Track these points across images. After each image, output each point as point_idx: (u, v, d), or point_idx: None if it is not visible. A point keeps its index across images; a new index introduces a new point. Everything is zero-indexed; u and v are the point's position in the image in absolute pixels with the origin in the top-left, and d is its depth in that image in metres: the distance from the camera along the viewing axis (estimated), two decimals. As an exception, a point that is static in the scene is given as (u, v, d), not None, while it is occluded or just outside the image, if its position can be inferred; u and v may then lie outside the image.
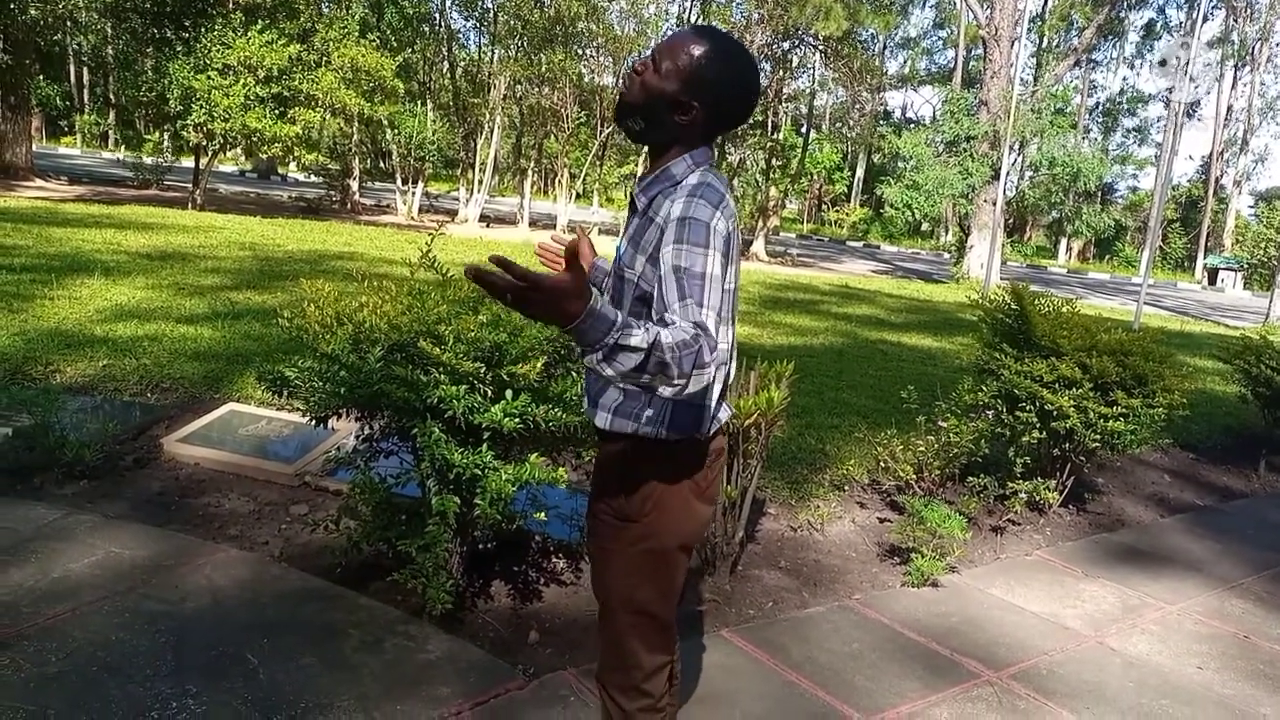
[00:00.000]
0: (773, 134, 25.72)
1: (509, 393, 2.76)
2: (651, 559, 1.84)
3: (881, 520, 4.41)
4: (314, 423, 2.95)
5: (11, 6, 17.33)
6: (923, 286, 19.41)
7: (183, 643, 2.71)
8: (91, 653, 2.62)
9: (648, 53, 1.80)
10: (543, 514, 2.95)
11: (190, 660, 2.63)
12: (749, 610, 3.37)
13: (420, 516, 2.93)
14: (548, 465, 2.87)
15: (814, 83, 36.05)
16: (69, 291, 7.17)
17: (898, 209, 22.25)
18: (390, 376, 2.77)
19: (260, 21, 17.07)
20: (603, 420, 1.82)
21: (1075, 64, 29.41)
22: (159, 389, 5.01)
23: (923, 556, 3.77)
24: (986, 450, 4.57)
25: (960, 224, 23.95)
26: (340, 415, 2.95)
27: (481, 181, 23.36)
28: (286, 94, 17.21)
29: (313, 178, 25.44)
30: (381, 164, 25.82)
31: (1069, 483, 4.75)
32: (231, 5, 17.35)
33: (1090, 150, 26.76)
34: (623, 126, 1.82)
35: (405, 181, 24.25)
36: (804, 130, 37.69)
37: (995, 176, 20.47)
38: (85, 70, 37.14)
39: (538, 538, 3.48)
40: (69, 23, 18.64)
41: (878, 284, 18.77)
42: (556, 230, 22.93)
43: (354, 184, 24.87)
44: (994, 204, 20.37)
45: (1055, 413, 4.42)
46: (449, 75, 24.90)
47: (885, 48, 47.84)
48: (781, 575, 3.71)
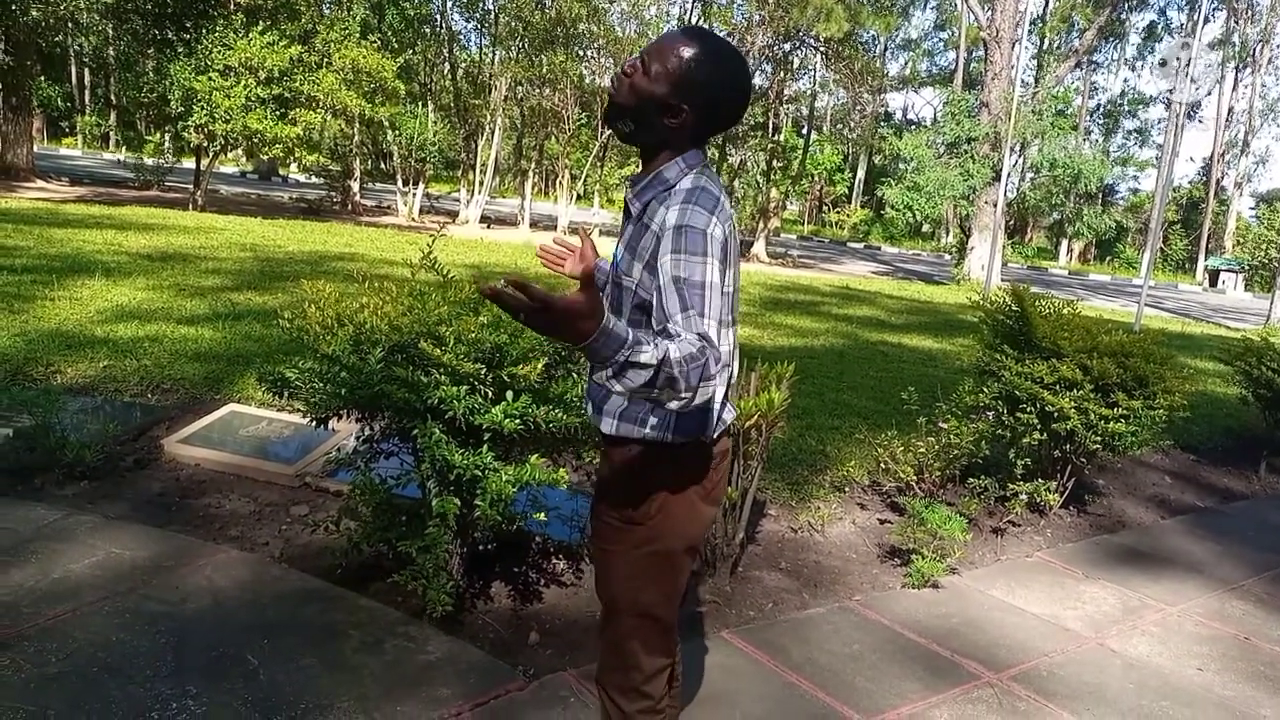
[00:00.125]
0: (774, 135, 25.75)
1: (509, 394, 2.76)
2: (657, 561, 1.83)
3: (882, 521, 4.41)
4: (314, 424, 2.96)
5: (13, 8, 17.35)
6: (923, 288, 19.41)
7: (183, 643, 2.71)
8: (92, 653, 2.62)
9: (636, 55, 1.77)
10: (543, 515, 2.95)
11: (190, 661, 2.63)
12: (749, 611, 3.37)
13: (421, 517, 2.93)
14: (548, 466, 2.87)
15: (815, 84, 36.07)
16: (70, 292, 7.18)
17: (898, 210, 22.25)
18: (391, 377, 2.77)
19: (261, 23, 17.09)
20: (609, 426, 1.81)
21: (1076, 66, 29.44)
22: (159, 390, 5.01)
23: (923, 558, 3.77)
24: (987, 451, 4.57)
25: (961, 225, 23.95)
26: (341, 416, 2.95)
27: (482, 183, 23.38)
28: (287, 95, 17.22)
29: (313, 179, 25.46)
30: (382, 165, 25.85)
31: (1069, 484, 4.75)
32: (233, 6, 17.37)
33: (1091, 152, 26.75)
34: (613, 128, 1.80)
35: (406, 183, 24.27)
36: (805, 131, 37.71)
37: (996, 178, 20.47)
38: (86, 71, 37.19)
39: (538, 539, 3.48)
40: (70, 24, 18.67)
41: (878, 285, 18.78)
42: (557, 231, 22.95)
43: (355, 185, 24.88)
44: (995, 205, 20.37)
45: (1056, 414, 4.42)
46: (450, 76, 24.92)
47: (886, 49, 47.85)
48: (782, 576, 3.71)
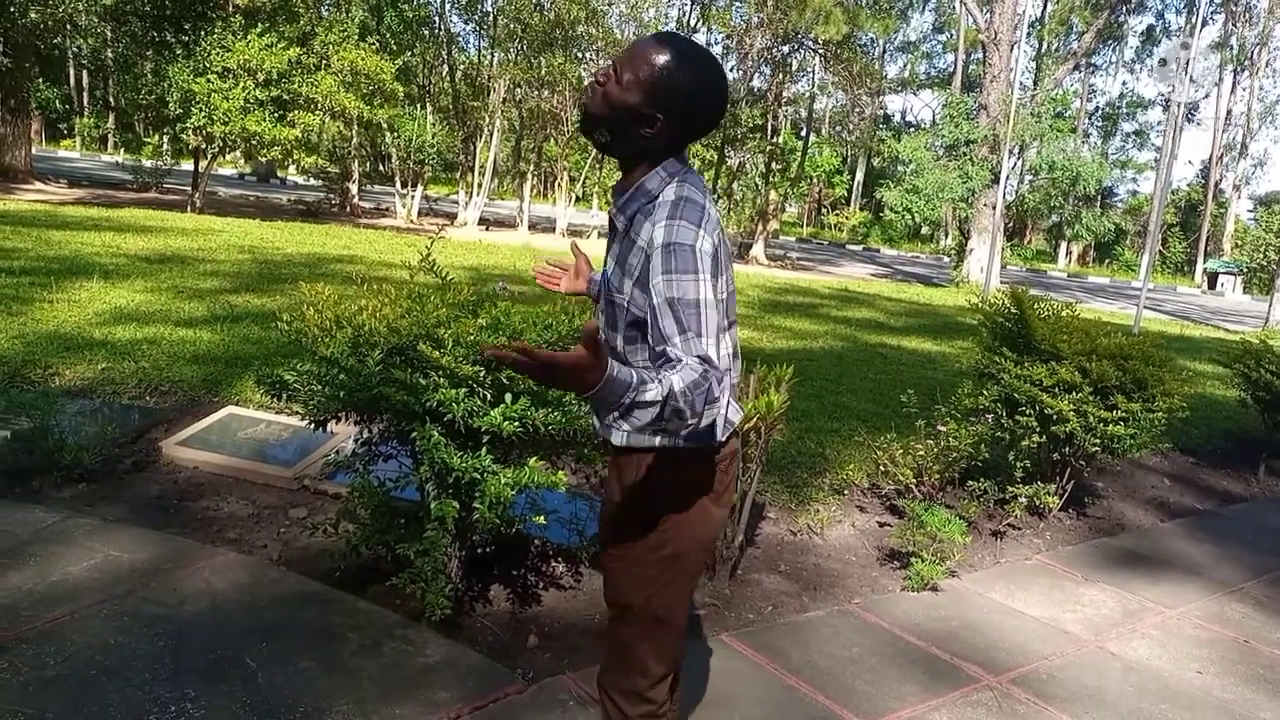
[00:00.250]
0: (772, 137, 25.77)
1: (508, 396, 2.76)
2: (670, 566, 1.82)
3: (881, 524, 4.40)
4: (313, 426, 2.95)
5: (11, 10, 17.34)
6: (922, 290, 19.41)
7: (181, 646, 2.71)
8: (90, 656, 2.61)
9: (609, 62, 1.72)
10: (542, 518, 2.95)
11: (189, 664, 2.62)
12: (749, 614, 3.37)
13: (419, 520, 2.93)
14: (547, 469, 2.86)
15: (814, 86, 36.12)
16: (68, 294, 7.17)
17: (897, 213, 22.26)
18: (389, 380, 2.77)
19: (260, 25, 17.09)
20: (619, 438, 1.81)
21: (1075, 68, 29.48)
22: (158, 392, 5.00)
23: (922, 561, 3.77)
24: (986, 454, 4.57)
25: (960, 228, 23.98)
26: (339, 419, 2.95)
27: (481, 185, 23.38)
28: (286, 97, 17.21)
29: (312, 181, 25.44)
30: (381, 167, 25.85)
31: (1069, 487, 4.75)
32: (231, 8, 17.38)
33: (1090, 154, 26.80)
34: (589, 139, 1.76)
35: (404, 185, 24.27)
36: (804, 134, 37.77)
37: (995, 180, 20.49)
38: (85, 73, 37.15)
39: (537, 541, 3.47)
40: (69, 26, 18.64)
41: (877, 287, 18.79)
42: (556, 233, 22.95)
43: (353, 187, 24.88)
44: (994, 208, 20.39)
45: (1055, 417, 4.41)
46: (448, 78, 24.94)
47: (885, 52, 47.93)
48: (781, 579, 3.70)
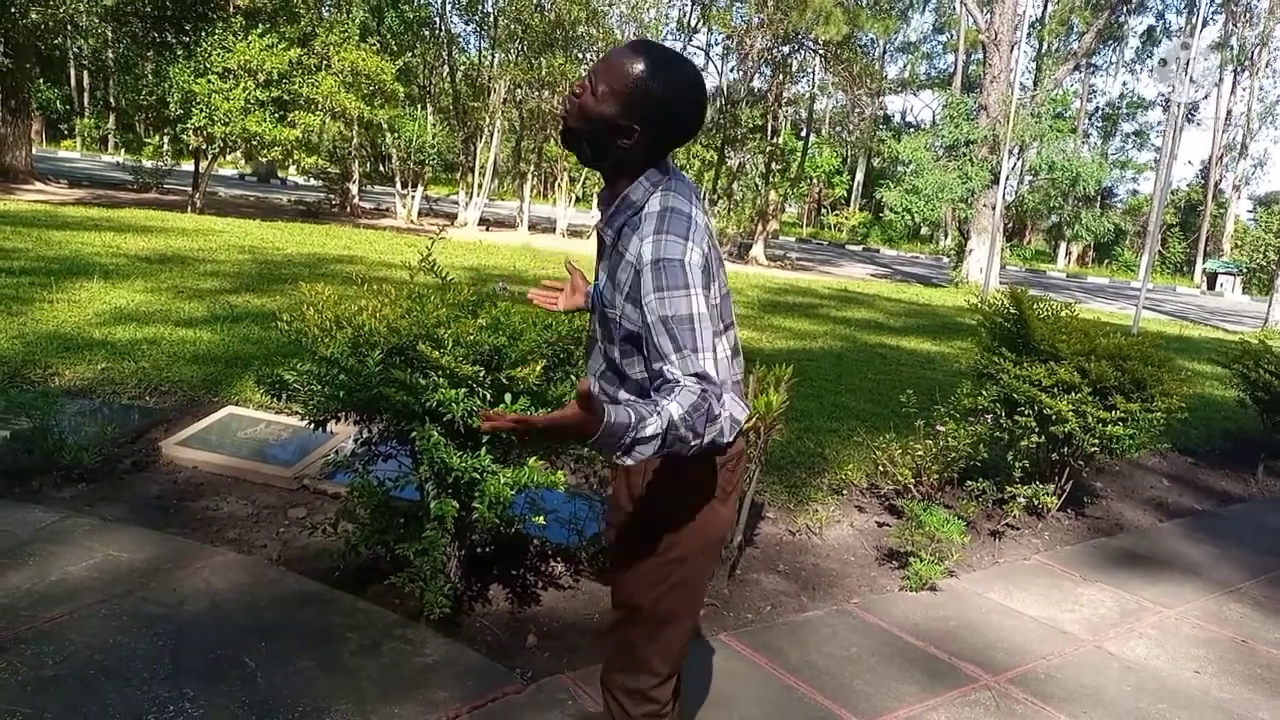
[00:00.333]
0: (772, 138, 25.76)
1: (508, 396, 2.76)
2: (678, 568, 1.82)
3: (880, 524, 4.41)
4: (313, 426, 2.96)
5: (12, 10, 17.34)
6: (922, 290, 19.42)
7: (180, 646, 2.71)
8: (89, 656, 2.61)
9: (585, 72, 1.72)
10: (541, 518, 2.95)
11: (188, 663, 2.63)
12: (747, 614, 3.37)
13: (419, 520, 2.93)
14: (546, 469, 2.87)
15: (814, 87, 36.12)
16: (68, 294, 7.17)
17: (897, 213, 22.27)
18: (389, 380, 2.77)
19: (260, 25, 17.09)
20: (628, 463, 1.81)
21: (1075, 69, 29.48)
22: (158, 392, 5.01)
23: (921, 560, 3.77)
24: (985, 454, 4.57)
25: (959, 228, 23.98)
26: (339, 418, 2.96)
27: (481, 185, 23.39)
28: (286, 98, 17.22)
29: (312, 181, 25.45)
30: (381, 167, 25.85)
31: (1067, 487, 4.75)
32: (232, 9, 17.38)
33: (1089, 155, 26.80)
34: (570, 151, 1.75)
35: (405, 185, 24.27)
36: (804, 134, 37.77)
37: (994, 181, 20.50)
38: (85, 74, 37.15)
39: (536, 541, 3.47)
40: (69, 26, 18.65)
41: (877, 288, 18.79)
42: (556, 234, 22.96)
43: (353, 187, 24.88)
44: (993, 208, 20.40)
45: (1054, 417, 4.42)
46: (449, 79, 24.94)
47: (885, 52, 47.94)
48: (780, 579, 3.71)
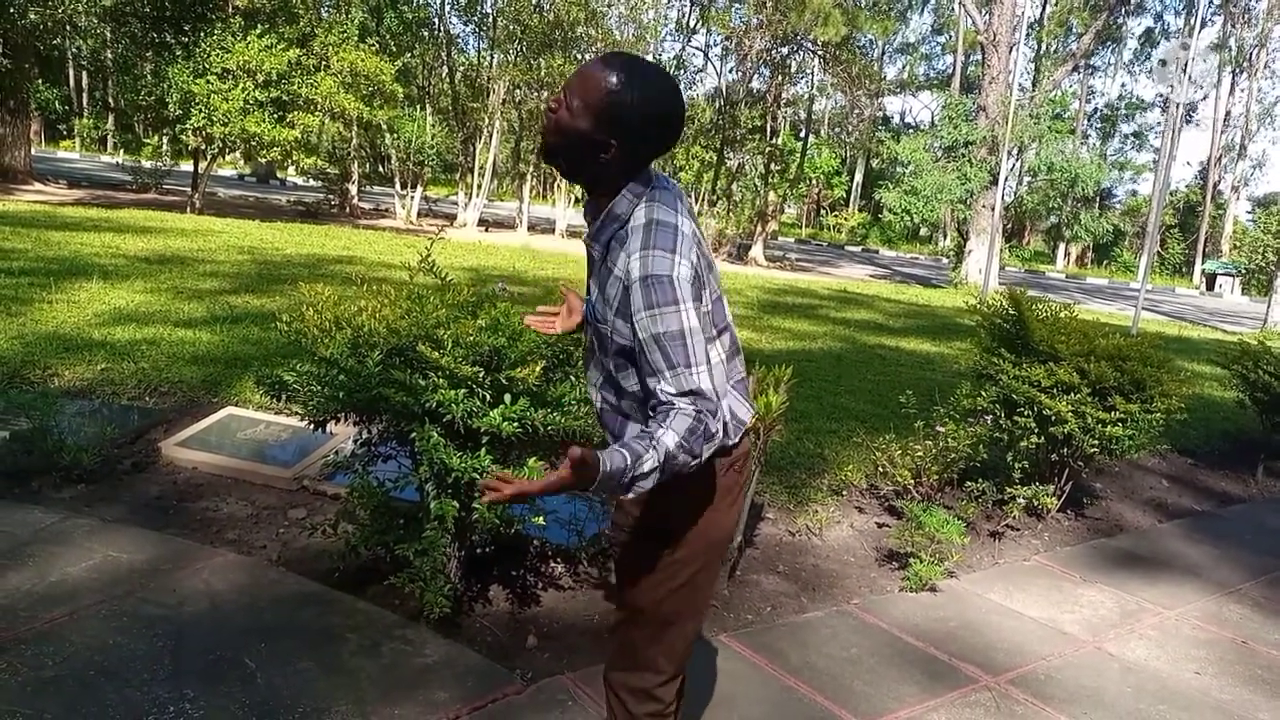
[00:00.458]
0: (772, 139, 25.80)
1: (508, 397, 2.76)
2: (682, 570, 1.82)
3: (880, 525, 4.41)
4: (312, 427, 2.96)
5: (11, 10, 17.33)
6: (921, 291, 19.42)
7: (180, 647, 2.71)
8: (88, 657, 2.61)
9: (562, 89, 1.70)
10: (541, 518, 2.95)
11: (188, 664, 2.62)
12: (747, 615, 3.37)
13: (418, 520, 2.93)
14: (546, 469, 2.87)
15: (813, 88, 36.15)
16: (67, 295, 7.17)
17: (896, 214, 22.27)
18: (389, 380, 2.77)
19: (259, 26, 17.09)
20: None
21: (1074, 69, 29.49)
22: (157, 393, 5.00)
23: (921, 561, 3.77)
24: (985, 455, 4.57)
25: (959, 229, 23.98)
26: (339, 419, 2.95)
27: (480, 186, 23.39)
28: (285, 98, 17.21)
29: (311, 182, 25.44)
30: (380, 168, 25.84)
31: (1067, 488, 4.75)
32: (231, 9, 17.38)
33: (1088, 156, 26.82)
34: (552, 166, 1.74)
35: (404, 186, 24.27)
36: (803, 135, 37.79)
37: (993, 182, 20.50)
38: (84, 74, 37.12)
39: (536, 542, 3.47)
40: (68, 27, 18.61)
41: (876, 289, 18.79)
42: (555, 234, 22.95)
43: (353, 188, 24.88)
44: (992, 209, 20.40)
45: (1053, 418, 4.42)
46: (448, 80, 24.94)
47: (884, 53, 47.92)
48: (780, 580, 3.71)
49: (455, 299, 3.03)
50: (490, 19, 24.02)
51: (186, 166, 20.12)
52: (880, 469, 4.69)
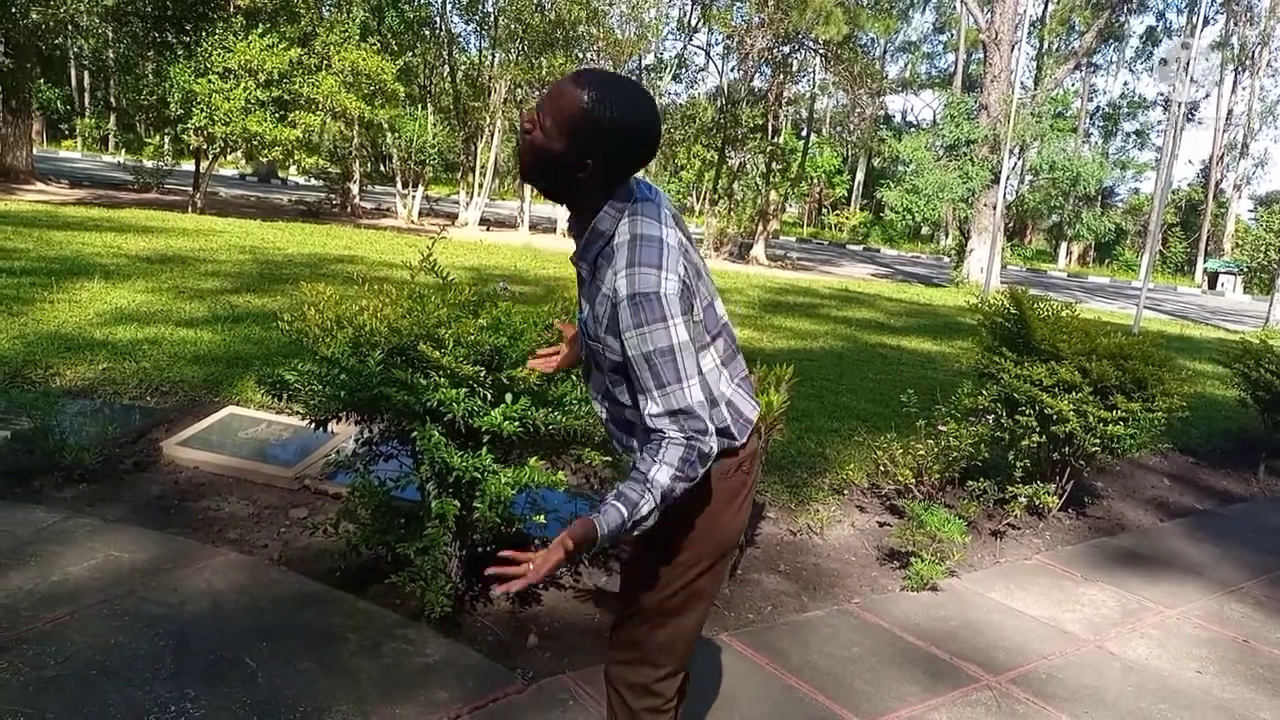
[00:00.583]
0: (773, 138, 25.76)
1: (509, 396, 2.76)
2: (687, 571, 1.82)
3: (881, 524, 4.41)
4: (313, 426, 2.96)
5: (13, 10, 17.35)
6: (923, 290, 19.41)
7: (181, 646, 2.71)
8: (90, 656, 2.62)
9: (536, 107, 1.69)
10: (542, 517, 2.95)
11: (189, 664, 2.63)
12: (748, 614, 3.37)
13: (419, 520, 2.93)
14: (547, 469, 2.87)
15: (814, 86, 36.11)
16: (69, 295, 7.18)
17: (897, 213, 22.26)
18: (390, 380, 2.78)
19: (261, 25, 17.09)
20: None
21: (1075, 68, 29.47)
22: (158, 392, 5.01)
23: (922, 560, 3.77)
24: (986, 454, 4.57)
25: (960, 228, 23.97)
26: (340, 418, 2.96)
27: (482, 185, 23.39)
28: (287, 97, 17.22)
29: (313, 181, 25.47)
30: (382, 167, 25.85)
31: (1069, 487, 4.75)
32: (232, 9, 17.38)
33: (1090, 154, 26.79)
34: (533, 186, 1.73)
35: (405, 185, 24.28)
36: (804, 134, 37.75)
37: (995, 180, 20.49)
38: (86, 74, 37.14)
39: (537, 541, 3.47)
40: (70, 27, 18.65)
41: (878, 287, 18.78)
42: (556, 233, 22.95)
43: (354, 187, 24.89)
44: (994, 208, 20.39)
45: (1055, 416, 4.42)
46: (449, 79, 24.94)
47: (886, 52, 47.92)
48: (781, 579, 3.71)
49: (456, 298, 3.03)
50: (492, 18, 24.01)
51: (188, 166, 20.15)
52: (881, 468, 4.69)
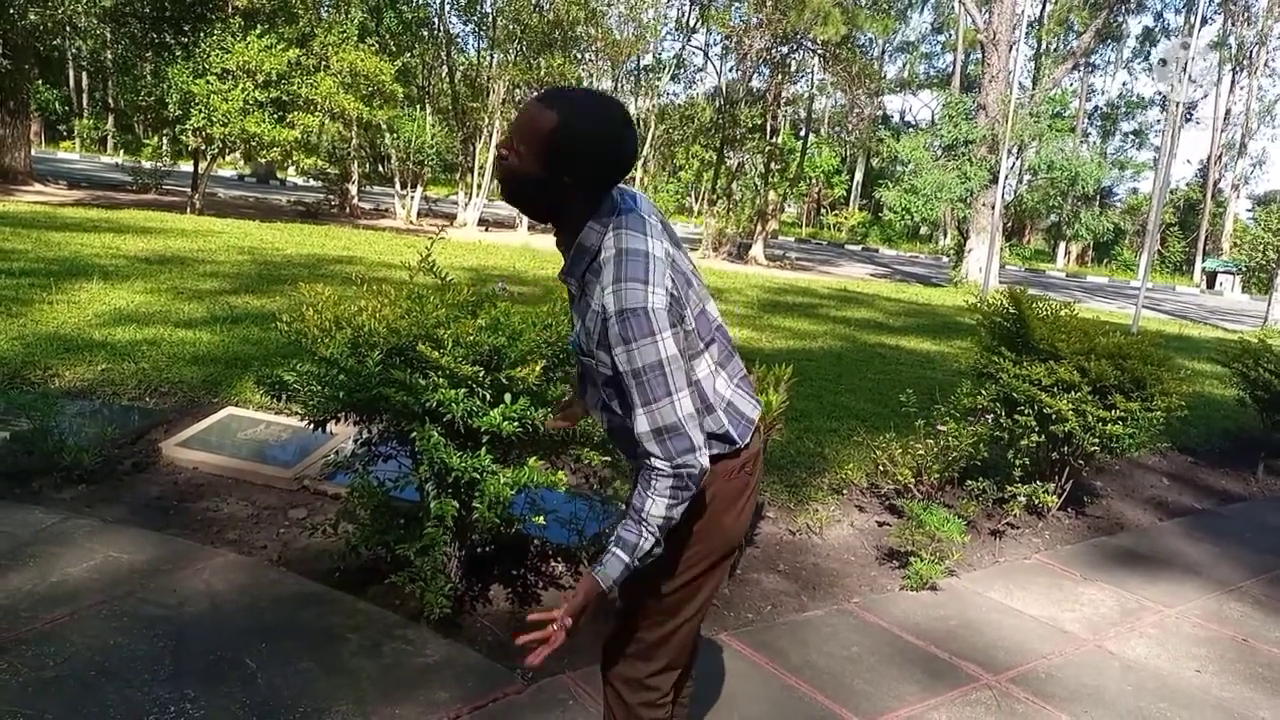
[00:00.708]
0: (772, 138, 25.77)
1: (508, 396, 2.76)
2: (689, 571, 1.82)
3: (880, 524, 4.41)
4: (313, 427, 2.96)
5: (10, 11, 17.34)
6: (921, 290, 19.42)
7: (181, 647, 2.71)
8: (89, 657, 2.61)
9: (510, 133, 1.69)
10: (541, 518, 2.95)
11: (188, 665, 2.62)
12: (748, 614, 3.37)
13: (419, 520, 2.93)
14: (546, 469, 2.87)
15: (813, 87, 36.12)
16: (68, 296, 7.17)
17: (896, 213, 22.26)
18: (389, 380, 2.77)
19: (259, 26, 17.08)
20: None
21: (1073, 68, 29.47)
22: (157, 393, 5.01)
23: (921, 560, 3.77)
24: (985, 454, 4.58)
25: (959, 228, 23.98)
26: (339, 419, 2.95)
27: (480, 185, 23.38)
28: (285, 98, 17.20)
29: (311, 182, 25.44)
30: (380, 168, 25.83)
31: (1068, 486, 4.75)
32: (230, 10, 17.37)
33: (1088, 154, 26.80)
34: (515, 208, 1.73)
35: (404, 186, 24.27)
36: (803, 134, 37.76)
37: (993, 180, 20.50)
38: (84, 75, 37.14)
39: (536, 541, 3.47)
40: (68, 28, 18.62)
41: (876, 287, 18.79)
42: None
43: (353, 188, 24.87)
44: (992, 208, 20.40)
45: (1054, 416, 4.42)
46: (448, 79, 24.93)
47: (884, 52, 47.96)
48: (780, 579, 3.71)
49: (455, 299, 3.03)
50: (490, 18, 24.01)
51: (186, 167, 20.13)
52: (881, 468, 4.69)
